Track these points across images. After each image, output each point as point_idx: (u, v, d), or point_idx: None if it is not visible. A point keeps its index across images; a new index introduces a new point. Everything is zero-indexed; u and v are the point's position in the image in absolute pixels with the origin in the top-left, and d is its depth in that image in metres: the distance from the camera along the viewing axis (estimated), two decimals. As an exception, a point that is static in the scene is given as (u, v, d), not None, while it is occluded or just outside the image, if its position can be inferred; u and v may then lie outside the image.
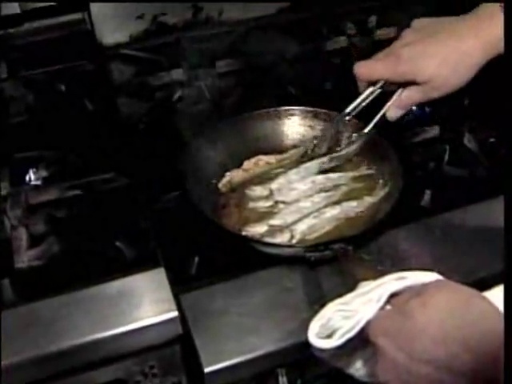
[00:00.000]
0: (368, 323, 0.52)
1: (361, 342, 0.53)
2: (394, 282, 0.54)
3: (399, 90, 0.75)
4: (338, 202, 0.76)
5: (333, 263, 0.67)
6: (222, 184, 0.79)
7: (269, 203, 0.76)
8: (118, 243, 0.69)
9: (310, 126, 0.87)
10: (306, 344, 0.56)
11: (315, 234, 0.72)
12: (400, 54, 0.73)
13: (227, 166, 0.81)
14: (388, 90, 0.77)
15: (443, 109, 0.90)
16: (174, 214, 0.75)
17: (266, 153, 0.84)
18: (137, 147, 0.84)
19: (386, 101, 0.77)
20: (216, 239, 0.70)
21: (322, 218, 0.73)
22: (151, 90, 0.98)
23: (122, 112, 0.92)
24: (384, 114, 0.77)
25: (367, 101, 0.78)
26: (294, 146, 0.86)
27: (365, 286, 0.55)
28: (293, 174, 0.79)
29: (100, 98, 0.93)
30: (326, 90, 1.00)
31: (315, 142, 0.82)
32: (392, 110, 0.76)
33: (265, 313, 0.64)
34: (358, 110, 0.79)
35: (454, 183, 0.81)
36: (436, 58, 0.71)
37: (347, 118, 0.80)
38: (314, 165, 0.80)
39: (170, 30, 1.06)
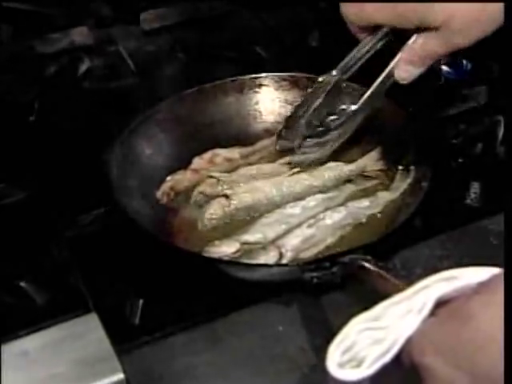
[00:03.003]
0: (409, 341, 0.60)
1: (400, 368, 0.60)
2: (440, 283, 0.61)
3: (411, 39, 0.84)
4: (341, 203, 0.86)
5: (345, 286, 0.75)
6: (162, 192, 0.89)
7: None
8: (22, 284, 0.77)
9: (288, 101, 0.97)
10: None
11: (313, 250, 0.81)
12: None
13: (169, 166, 0.91)
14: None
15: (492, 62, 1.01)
16: (100, 238, 0.84)
17: (224, 145, 0.94)
18: (34, 146, 0.93)
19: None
20: (167, 270, 0.79)
21: (321, 227, 0.83)
22: (40, 60, 1.06)
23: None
24: (390, 76, 0.86)
25: (365, 57, 0.87)
26: (267, 132, 0.96)
27: (399, 295, 0.62)
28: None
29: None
30: (311, 48, 1.11)
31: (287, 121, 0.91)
32: (402, 66, 0.84)
33: (246, 370, 0.73)
34: (353, 70, 0.88)
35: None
36: None
37: (342, 82, 0.88)
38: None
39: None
